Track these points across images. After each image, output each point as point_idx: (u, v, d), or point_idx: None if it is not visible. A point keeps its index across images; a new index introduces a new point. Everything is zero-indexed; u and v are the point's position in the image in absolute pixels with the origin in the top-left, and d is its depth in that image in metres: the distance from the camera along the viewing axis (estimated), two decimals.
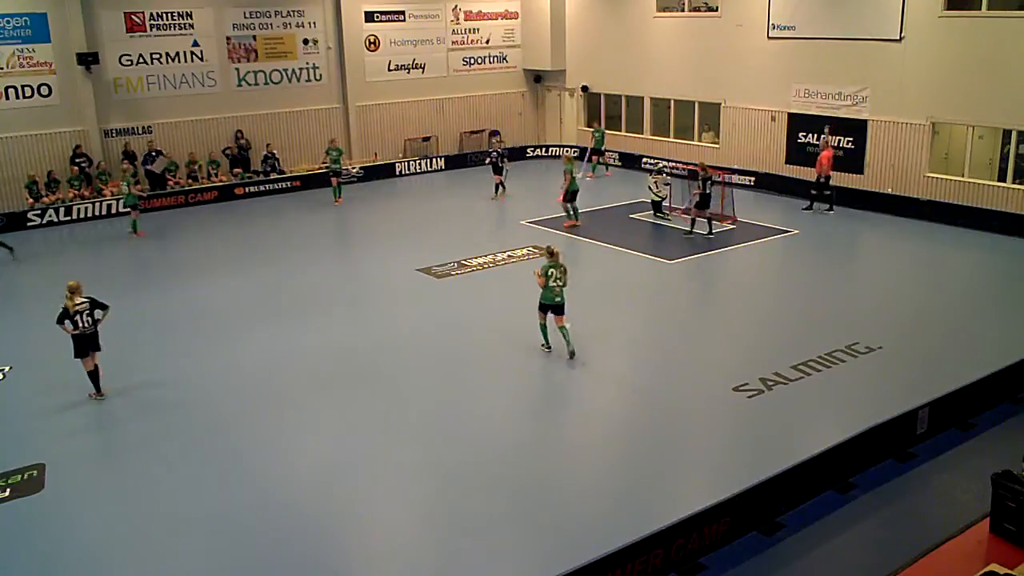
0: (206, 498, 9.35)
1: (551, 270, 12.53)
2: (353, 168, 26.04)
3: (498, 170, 23.64)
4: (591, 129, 27.11)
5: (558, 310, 12.65)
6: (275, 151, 25.41)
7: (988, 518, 8.02)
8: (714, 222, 19.41)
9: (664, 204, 21.03)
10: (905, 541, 8.17)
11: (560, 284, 12.57)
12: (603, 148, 26.55)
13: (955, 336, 13.28)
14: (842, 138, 22.43)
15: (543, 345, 12.98)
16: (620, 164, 27.78)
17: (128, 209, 20.70)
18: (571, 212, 20.12)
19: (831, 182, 21.01)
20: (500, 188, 23.72)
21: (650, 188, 20.99)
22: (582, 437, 10.68)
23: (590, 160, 26.53)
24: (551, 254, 12.68)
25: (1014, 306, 14.70)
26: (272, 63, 25.73)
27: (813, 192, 21.21)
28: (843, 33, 21.90)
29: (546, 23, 29.18)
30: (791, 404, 11.11)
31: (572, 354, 12.66)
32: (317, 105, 26.72)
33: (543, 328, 12.88)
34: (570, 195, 19.92)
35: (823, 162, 20.88)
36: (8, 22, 21.66)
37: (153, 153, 23.63)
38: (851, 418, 10.20)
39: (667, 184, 21.08)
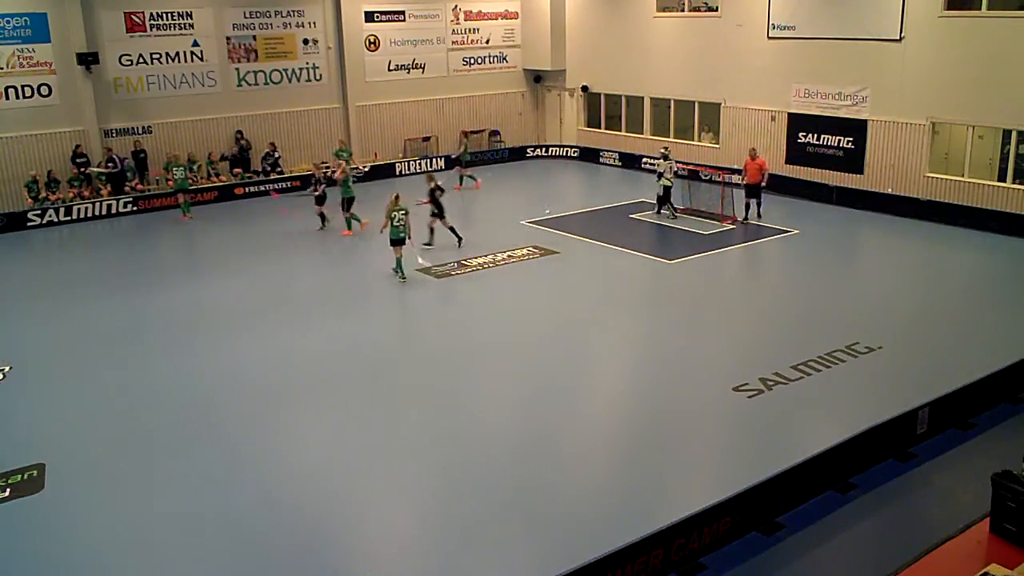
0: (206, 498, 9.36)
1: (395, 213, 15.83)
2: (364, 167, 26.03)
3: (320, 200, 20.40)
4: (463, 142, 26.07)
5: (403, 243, 15.98)
6: (277, 150, 25.39)
7: (988, 518, 8.03)
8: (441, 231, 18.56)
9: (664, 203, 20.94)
10: (905, 541, 8.17)
11: (403, 224, 15.88)
12: (467, 160, 25.41)
13: (955, 336, 13.28)
14: (842, 138, 22.45)
15: (396, 272, 16.22)
16: (620, 164, 27.80)
17: (178, 193, 22.24)
18: (349, 221, 20.00)
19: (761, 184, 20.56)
20: (323, 219, 20.69)
21: (661, 175, 20.55)
22: (582, 437, 10.67)
23: (461, 172, 25.12)
24: (395, 200, 15.98)
25: (1014, 306, 14.69)
26: (272, 63, 25.72)
27: (749, 200, 20.58)
28: (843, 33, 21.89)
29: (546, 23, 29.16)
30: (791, 404, 11.11)
31: (403, 279, 16.12)
32: (317, 105, 26.71)
33: (399, 261, 16.13)
34: (347, 203, 19.89)
35: (763, 169, 20.36)
36: (8, 22, 21.66)
37: (115, 157, 23.03)
38: (851, 418, 10.20)
39: (674, 171, 20.83)
